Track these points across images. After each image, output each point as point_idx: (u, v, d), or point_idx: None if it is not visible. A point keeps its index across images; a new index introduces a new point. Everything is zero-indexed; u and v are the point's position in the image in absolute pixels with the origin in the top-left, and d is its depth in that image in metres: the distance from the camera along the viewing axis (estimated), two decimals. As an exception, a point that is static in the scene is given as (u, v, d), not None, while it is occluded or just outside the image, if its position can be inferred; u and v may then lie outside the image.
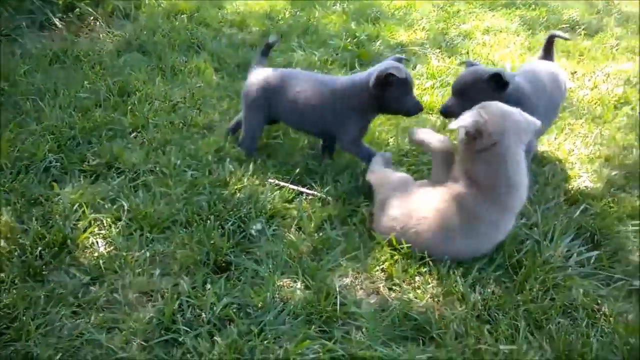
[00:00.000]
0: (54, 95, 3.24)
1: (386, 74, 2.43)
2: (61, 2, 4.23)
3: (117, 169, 2.67)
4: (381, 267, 2.17)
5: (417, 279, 2.12)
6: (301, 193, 2.57)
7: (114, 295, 1.99)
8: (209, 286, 2.02)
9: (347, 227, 2.39)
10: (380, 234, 2.28)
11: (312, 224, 2.36)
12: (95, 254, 2.18)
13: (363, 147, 2.67)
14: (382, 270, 2.17)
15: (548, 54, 3.00)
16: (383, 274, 2.16)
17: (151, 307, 1.96)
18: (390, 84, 2.46)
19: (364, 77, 2.57)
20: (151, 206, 2.39)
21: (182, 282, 2.03)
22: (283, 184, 2.59)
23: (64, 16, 4.25)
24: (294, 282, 2.09)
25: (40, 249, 2.14)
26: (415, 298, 2.03)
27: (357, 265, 2.19)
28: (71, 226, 2.27)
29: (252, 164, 2.70)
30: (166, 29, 4.28)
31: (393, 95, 2.50)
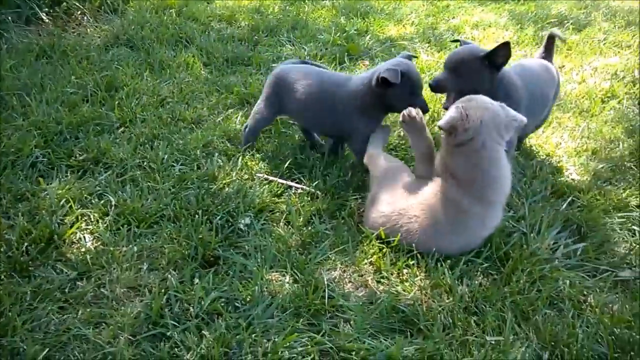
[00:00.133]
0: (40, 90, 3.21)
1: (381, 78, 2.38)
2: (48, -4, 4.20)
3: (105, 164, 2.66)
4: (369, 260, 2.18)
5: (405, 271, 2.12)
6: (290, 187, 2.57)
7: (101, 291, 1.98)
8: (197, 280, 2.02)
9: (336, 220, 2.39)
10: (369, 229, 2.28)
11: (300, 218, 2.36)
12: (83, 249, 2.17)
13: None
14: (371, 263, 2.17)
15: (549, 53, 2.97)
16: (371, 267, 2.16)
17: (139, 301, 1.95)
18: (392, 84, 2.39)
19: (369, 76, 2.51)
20: (139, 201, 2.38)
21: (170, 276, 2.02)
22: (272, 178, 2.59)
23: (51, 10, 4.22)
24: (283, 276, 2.09)
25: (27, 244, 2.12)
26: (403, 290, 2.04)
27: (346, 259, 2.19)
28: (58, 221, 2.25)
29: (241, 158, 2.70)
30: (154, 24, 4.25)
31: (396, 95, 2.44)
